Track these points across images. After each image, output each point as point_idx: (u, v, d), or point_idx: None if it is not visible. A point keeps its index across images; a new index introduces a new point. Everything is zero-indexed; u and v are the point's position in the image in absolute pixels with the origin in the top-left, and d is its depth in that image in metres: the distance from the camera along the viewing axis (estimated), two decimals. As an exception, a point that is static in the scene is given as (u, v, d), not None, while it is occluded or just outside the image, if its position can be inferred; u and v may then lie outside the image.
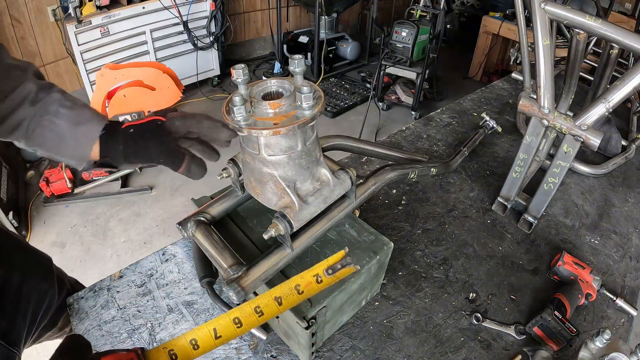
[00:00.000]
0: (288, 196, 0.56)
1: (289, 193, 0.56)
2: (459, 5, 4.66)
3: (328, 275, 0.47)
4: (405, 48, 3.15)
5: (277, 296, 0.45)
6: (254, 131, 0.50)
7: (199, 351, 0.40)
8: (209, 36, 3.39)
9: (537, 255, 0.91)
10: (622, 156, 1.23)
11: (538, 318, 0.71)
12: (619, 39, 0.67)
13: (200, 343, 0.40)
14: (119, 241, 2.15)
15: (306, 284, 0.46)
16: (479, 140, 1.22)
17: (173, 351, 0.38)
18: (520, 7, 0.98)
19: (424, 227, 0.95)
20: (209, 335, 0.40)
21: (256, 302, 0.44)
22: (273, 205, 0.59)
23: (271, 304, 0.44)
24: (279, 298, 0.45)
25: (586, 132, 0.76)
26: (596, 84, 1.15)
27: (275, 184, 0.56)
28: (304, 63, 0.55)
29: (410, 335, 0.72)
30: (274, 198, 0.58)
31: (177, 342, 0.39)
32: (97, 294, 0.76)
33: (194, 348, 0.39)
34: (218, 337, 0.41)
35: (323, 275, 0.47)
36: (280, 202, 0.57)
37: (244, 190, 0.66)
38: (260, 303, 0.44)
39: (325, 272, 0.47)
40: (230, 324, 0.42)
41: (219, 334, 0.41)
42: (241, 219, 0.70)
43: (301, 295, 0.46)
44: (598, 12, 1.22)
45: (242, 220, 0.70)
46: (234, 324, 0.42)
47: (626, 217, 1.05)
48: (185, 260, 0.83)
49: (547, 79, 0.79)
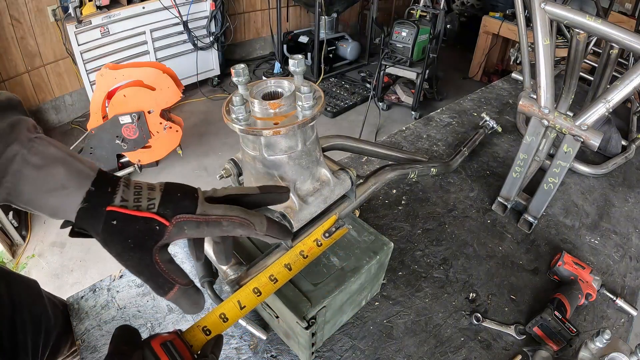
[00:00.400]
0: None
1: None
2: (459, 5, 4.66)
3: (325, 238, 0.54)
4: (405, 48, 3.15)
5: (287, 263, 0.50)
6: (254, 131, 0.50)
7: (229, 323, 0.44)
8: (209, 36, 3.39)
9: (537, 255, 0.91)
10: (622, 156, 1.23)
11: (538, 318, 0.71)
12: (619, 39, 0.67)
13: (229, 315, 0.44)
14: (119, 241, 2.15)
15: (308, 248, 0.52)
16: (479, 140, 1.22)
17: (206, 327, 0.42)
18: (520, 7, 0.98)
19: (424, 227, 0.95)
20: (235, 307, 0.45)
21: (269, 271, 0.49)
22: (273, 205, 0.58)
23: (282, 270, 0.50)
24: (288, 264, 0.50)
25: (586, 132, 0.76)
26: (596, 84, 1.15)
27: (275, 184, 0.56)
28: (304, 63, 0.55)
29: (410, 335, 0.72)
30: (274, 198, 0.58)
31: (208, 319, 0.43)
32: (97, 294, 0.76)
33: (223, 321, 0.43)
34: (243, 307, 0.45)
35: (321, 238, 0.54)
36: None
37: (244, 190, 0.66)
38: (273, 271, 0.49)
39: (323, 236, 0.54)
40: (251, 294, 0.46)
41: (243, 305, 0.45)
42: (241, 219, 0.70)
43: (306, 259, 0.52)
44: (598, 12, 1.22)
45: (242, 220, 0.69)
46: (254, 293, 0.47)
47: (626, 217, 1.05)
48: (185, 260, 0.83)
49: (547, 79, 0.79)
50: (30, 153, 0.37)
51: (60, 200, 0.38)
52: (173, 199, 0.41)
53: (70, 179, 0.38)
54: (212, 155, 2.81)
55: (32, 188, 0.37)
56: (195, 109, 3.37)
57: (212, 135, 3.00)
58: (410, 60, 3.18)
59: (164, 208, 0.40)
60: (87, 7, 2.64)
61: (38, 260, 2.03)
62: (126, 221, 0.39)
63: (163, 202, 0.40)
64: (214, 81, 3.67)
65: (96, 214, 0.38)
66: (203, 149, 2.87)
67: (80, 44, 2.66)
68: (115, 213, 0.39)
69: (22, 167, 0.36)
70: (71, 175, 0.38)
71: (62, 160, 0.38)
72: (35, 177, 0.37)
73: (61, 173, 0.38)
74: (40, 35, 2.68)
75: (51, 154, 0.38)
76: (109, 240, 0.39)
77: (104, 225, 0.38)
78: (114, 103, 2.24)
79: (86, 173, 0.39)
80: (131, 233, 0.39)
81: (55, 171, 0.38)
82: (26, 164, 0.37)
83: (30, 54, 2.68)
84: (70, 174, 0.38)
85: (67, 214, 0.39)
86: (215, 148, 2.88)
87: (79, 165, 0.39)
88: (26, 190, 0.37)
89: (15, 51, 2.60)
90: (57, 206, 0.38)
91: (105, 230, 0.39)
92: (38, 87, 2.83)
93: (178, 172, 2.65)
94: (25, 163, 0.37)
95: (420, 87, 3.25)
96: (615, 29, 0.67)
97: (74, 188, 0.38)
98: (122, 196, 0.39)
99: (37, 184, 0.37)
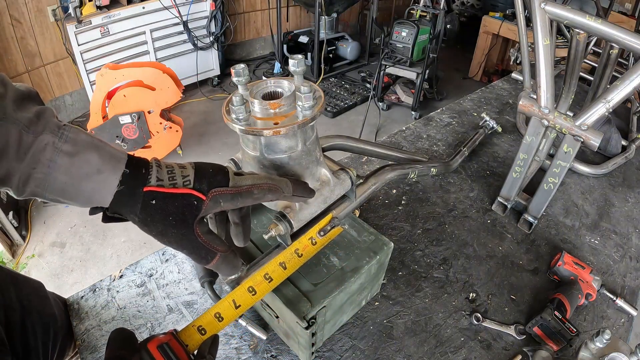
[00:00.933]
0: (288, 196, 0.56)
1: (289, 193, 0.56)
2: (459, 5, 4.66)
3: (320, 236, 0.53)
4: (405, 48, 3.15)
5: (282, 262, 0.50)
6: (254, 131, 0.50)
7: (224, 322, 0.44)
8: (209, 36, 3.39)
9: (537, 255, 0.91)
10: (622, 156, 1.23)
11: (538, 318, 0.71)
12: (619, 39, 0.67)
13: (224, 315, 0.44)
14: (119, 241, 2.15)
15: (303, 247, 0.52)
16: (479, 140, 1.22)
17: (201, 327, 0.42)
18: (520, 7, 0.98)
19: (424, 227, 0.95)
20: (230, 307, 0.44)
21: (264, 270, 0.49)
22: (273, 205, 0.58)
23: (277, 269, 0.49)
24: (283, 263, 0.50)
25: (586, 132, 0.76)
26: (596, 84, 1.15)
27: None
28: (304, 63, 0.54)
29: (410, 335, 0.72)
30: (274, 198, 0.58)
31: (203, 318, 0.43)
32: (97, 294, 0.76)
33: (218, 320, 0.43)
34: (238, 306, 0.45)
35: (316, 237, 0.53)
36: (280, 202, 0.57)
37: (244, 190, 0.66)
38: (268, 270, 0.49)
39: (318, 234, 0.53)
40: (246, 293, 0.46)
41: (238, 304, 0.45)
42: (241, 219, 0.70)
43: (301, 258, 0.51)
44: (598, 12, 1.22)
45: (242, 220, 0.70)
46: (249, 292, 0.46)
47: (626, 217, 1.05)
48: (185, 260, 0.83)
49: (547, 79, 0.79)
50: (62, 141, 0.37)
51: (96, 185, 0.38)
52: (206, 175, 0.42)
53: (104, 163, 0.38)
54: (212, 155, 2.81)
55: (67, 176, 0.37)
56: (195, 109, 3.38)
57: (212, 135, 3.00)
58: (410, 60, 3.18)
59: (199, 183, 0.41)
60: (87, 7, 2.64)
61: (38, 260, 2.03)
62: (165, 199, 0.39)
63: (197, 178, 0.41)
64: (214, 81, 3.68)
65: (134, 196, 0.39)
66: (203, 149, 2.88)
67: (80, 44, 2.66)
68: (154, 192, 0.39)
69: (54, 156, 0.36)
70: (105, 160, 0.38)
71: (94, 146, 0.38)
72: (69, 165, 0.37)
73: (95, 158, 0.38)
74: (40, 35, 2.68)
75: (83, 140, 0.38)
76: (149, 220, 0.39)
77: (143, 205, 0.39)
78: (114, 103, 2.24)
79: (118, 156, 0.39)
80: (171, 210, 0.39)
81: (89, 157, 0.37)
82: (59, 152, 0.36)
83: (30, 54, 2.68)
84: (104, 159, 0.38)
85: (102, 199, 0.38)
86: (215, 148, 2.88)
87: (111, 150, 0.39)
88: (59, 180, 0.37)
89: (15, 51, 2.60)
90: (93, 192, 0.38)
91: (144, 211, 0.39)
92: (38, 87, 2.83)
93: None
94: (58, 151, 0.36)
95: (420, 87, 3.25)
96: (615, 29, 0.67)
97: (109, 172, 0.38)
98: (157, 176, 0.40)
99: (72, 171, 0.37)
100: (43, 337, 0.65)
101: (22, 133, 0.35)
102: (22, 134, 0.35)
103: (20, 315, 0.62)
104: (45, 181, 0.36)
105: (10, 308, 0.61)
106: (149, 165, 0.41)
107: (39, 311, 0.66)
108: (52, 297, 0.73)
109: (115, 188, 0.38)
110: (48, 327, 0.67)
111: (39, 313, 0.66)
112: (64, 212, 2.30)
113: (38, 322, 0.65)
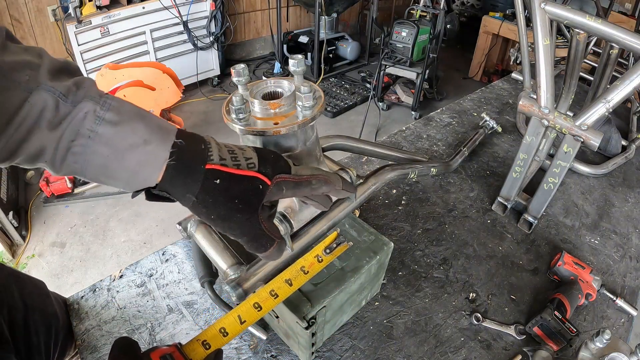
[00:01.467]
0: (288, 196, 0.56)
1: (289, 193, 0.56)
2: (459, 5, 4.66)
3: (326, 254, 0.53)
4: (405, 48, 3.15)
5: (287, 279, 0.50)
6: (254, 131, 0.50)
7: (229, 337, 0.44)
8: (209, 36, 3.39)
9: (537, 255, 0.91)
10: (622, 156, 1.23)
11: (538, 318, 0.71)
12: (619, 39, 0.67)
13: (229, 330, 0.44)
14: (119, 241, 2.15)
15: (309, 264, 0.52)
16: (479, 140, 1.22)
17: (206, 341, 0.42)
18: (520, 7, 0.98)
19: (424, 227, 0.95)
20: (235, 322, 0.44)
21: (270, 287, 0.49)
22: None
23: (283, 286, 0.50)
24: (289, 280, 0.50)
25: (586, 132, 0.76)
26: (596, 84, 1.15)
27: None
28: (304, 63, 0.54)
29: (410, 335, 0.72)
30: (274, 198, 0.58)
31: (208, 333, 0.43)
32: (97, 294, 0.76)
33: (223, 335, 0.43)
34: (243, 321, 0.45)
35: (322, 254, 0.53)
36: (281, 202, 0.57)
37: (244, 190, 0.66)
38: (274, 287, 0.49)
39: (324, 252, 0.54)
40: (252, 309, 0.46)
41: (243, 319, 0.45)
42: (241, 219, 0.70)
43: (307, 274, 0.52)
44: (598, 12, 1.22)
45: (242, 220, 0.69)
46: (255, 308, 0.46)
47: (626, 217, 1.05)
48: (185, 260, 0.83)
49: (547, 79, 0.79)
50: (104, 109, 0.33)
51: (142, 158, 0.33)
52: (269, 160, 0.39)
53: (152, 133, 0.34)
54: (212, 155, 2.81)
55: (109, 149, 0.33)
56: (195, 109, 3.38)
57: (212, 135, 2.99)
58: (410, 60, 3.18)
59: (264, 167, 0.38)
60: (87, 7, 2.64)
61: (38, 260, 2.03)
62: (230, 180, 0.36)
63: (261, 162, 0.38)
64: (214, 81, 3.67)
65: (192, 173, 0.34)
66: (203, 149, 2.87)
67: (80, 44, 2.66)
68: (217, 172, 0.35)
69: (95, 126, 0.32)
70: (152, 130, 0.34)
71: (140, 115, 0.34)
72: (112, 135, 0.32)
73: (141, 128, 0.33)
74: (40, 35, 2.68)
75: (127, 109, 0.34)
76: (210, 202, 0.35)
77: (204, 184, 0.35)
78: (114, 103, 2.24)
79: (167, 127, 0.35)
80: (236, 193, 0.36)
81: (134, 126, 0.33)
82: (101, 122, 0.32)
83: (30, 54, 2.67)
84: (152, 128, 0.34)
85: (149, 175, 0.34)
86: (215, 148, 2.87)
87: (159, 120, 0.35)
88: (101, 153, 0.33)
89: (15, 51, 2.60)
90: (139, 166, 0.33)
91: (205, 191, 0.35)
92: (38, 87, 2.83)
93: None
94: (100, 120, 0.32)
95: (420, 87, 3.25)
96: (615, 29, 0.67)
97: (158, 142, 0.34)
98: (219, 154, 0.37)
99: (115, 142, 0.33)
100: (45, 336, 0.65)
101: (59, 102, 0.32)
102: (58, 102, 0.32)
103: (23, 314, 0.61)
104: (85, 155, 0.33)
105: (14, 307, 0.60)
106: (206, 141, 0.37)
107: (41, 310, 0.66)
108: (53, 296, 0.73)
109: (164, 161, 0.34)
110: (50, 326, 0.67)
111: (42, 312, 0.66)
112: (64, 212, 2.30)
113: (40, 321, 0.64)
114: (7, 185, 2.20)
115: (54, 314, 0.69)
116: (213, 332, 0.43)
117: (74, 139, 0.32)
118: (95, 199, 2.38)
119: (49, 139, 0.32)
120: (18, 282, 0.65)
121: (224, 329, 0.44)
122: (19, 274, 0.69)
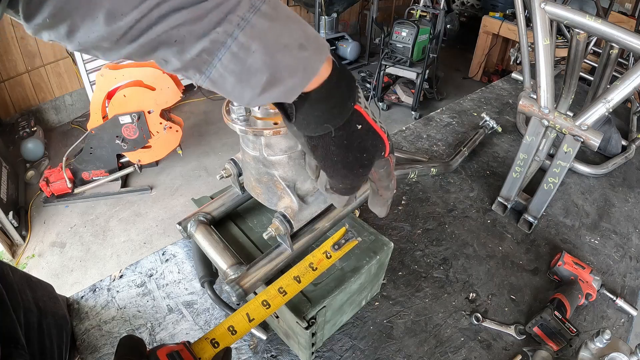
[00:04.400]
0: (288, 196, 0.56)
1: (289, 193, 0.56)
2: (459, 5, 4.66)
3: (335, 250, 0.54)
4: (405, 48, 3.15)
5: (296, 275, 0.50)
6: (254, 131, 0.50)
7: (237, 335, 0.44)
8: (209, 36, 3.38)
9: (537, 255, 0.91)
10: (622, 156, 1.23)
11: (538, 318, 0.71)
12: (619, 39, 0.67)
13: (237, 328, 0.44)
14: (119, 241, 2.15)
15: (318, 261, 0.52)
16: (479, 140, 1.22)
17: (215, 339, 0.42)
18: (520, 7, 0.98)
19: (424, 227, 0.95)
20: (244, 320, 0.45)
21: (279, 284, 0.49)
22: (273, 205, 0.58)
23: (292, 283, 0.50)
24: (297, 277, 0.50)
25: (586, 132, 0.76)
26: (596, 84, 1.15)
27: (275, 184, 0.56)
28: (304, 63, 0.54)
29: (410, 335, 0.72)
30: (274, 198, 0.58)
31: (216, 331, 0.43)
32: (97, 294, 0.76)
33: (232, 333, 0.43)
34: (251, 319, 0.45)
35: (331, 251, 0.54)
36: (280, 202, 0.57)
37: (244, 190, 0.66)
38: (282, 284, 0.49)
39: (332, 248, 0.54)
40: (260, 307, 0.46)
41: (251, 317, 0.45)
42: (241, 219, 0.70)
43: (315, 271, 0.52)
44: (598, 12, 1.22)
45: (242, 220, 0.70)
46: (263, 306, 0.46)
47: (626, 217, 1.05)
48: (185, 260, 0.83)
49: (547, 79, 0.79)
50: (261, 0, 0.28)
51: (293, 63, 0.29)
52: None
53: (309, 40, 0.29)
54: (212, 155, 2.81)
55: (261, 43, 0.28)
56: (195, 109, 3.38)
57: (212, 136, 3.00)
58: (410, 60, 3.18)
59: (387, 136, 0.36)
60: (87, 7, 2.64)
61: (38, 260, 2.03)
62: (368, 131, 0.33)
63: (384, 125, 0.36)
64: (214, 81, 3.67)
65: (339, 104, 0.31)
66: (203, 149, 2.88)
67: (80, 44, 2.66)
68: (362, 117, 0.32)
69: (248, 14, 0.27)
70: (309, 37, 0.30)
71: (297, 19, 0.30)
72: (266, 29, 0.28)
73: (298, 30, 0.29)
74: (40, 35, 2.68)
75: (284, 9, 0.30)
76: (344, 144, 0.32)
77: (346, 124, 0.31)
78: (114, 103, 2.24)
79: (321, 40, 0.31)
80: (368, 146, 0.34)
81: (291, 26, 0.29)
82: (255, 11, 0.28)
83: (30, 54, 2.68)
84: (308, 35, 0.30)
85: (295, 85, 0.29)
86: (216, 148, 2.88)
87: (313, 31, 0.31)
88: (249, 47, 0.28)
89: (15, 51, 2.60)
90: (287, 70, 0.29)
91: (345, 130, 0.32)
92: (38, 87, 2.83)
93: (178, 172, 2.65)
94: (254, 9, 0.28)
95: (420, 87, 3.25)
96: (615, 29, 0.67)
97: (313, 51, 0.29)
98: (364, 99, 0.35)
99: (268, 38, 0.28)
100: (57, 339, 0.65)
101: None
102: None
103: (37, 317, 0.61)
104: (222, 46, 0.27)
105: (29, 310, 0.60)
106: (354, 78, 0.33)
107: (53, 313, 0.66)
108: (60, 299, 0.73)
109: (314, 74, 0.29)
110: (61, 329, 0.67)
111: (53, 315, 0.66)
112: (64, 212, 2.30)
113: (53, 324, 0.64)
114: (7, 185, 2.20)
115: (63, 316, 0.69)
116: (222, 330, 0.43)
117: (218, 25, 0.27)
118: (95, 199, 2.38)
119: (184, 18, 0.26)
120: (30, 285, 0.64)
121: (232, 327, 0.44)
122: (30, 276, 0.68)
